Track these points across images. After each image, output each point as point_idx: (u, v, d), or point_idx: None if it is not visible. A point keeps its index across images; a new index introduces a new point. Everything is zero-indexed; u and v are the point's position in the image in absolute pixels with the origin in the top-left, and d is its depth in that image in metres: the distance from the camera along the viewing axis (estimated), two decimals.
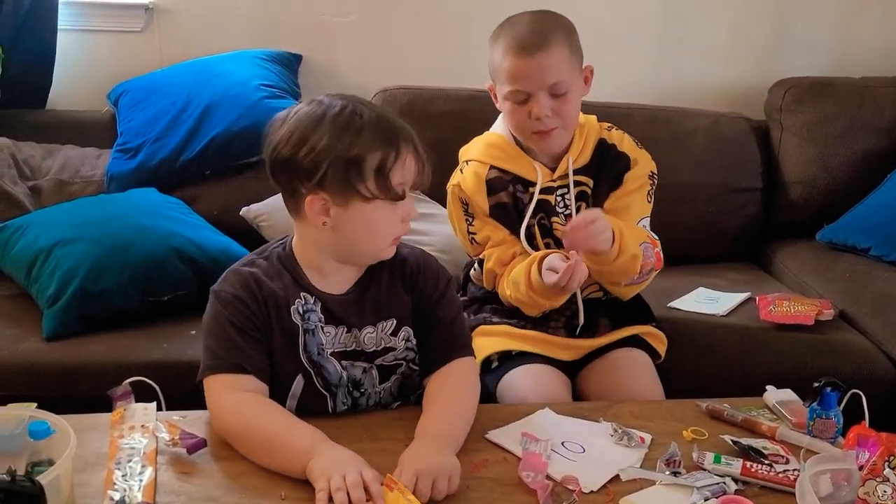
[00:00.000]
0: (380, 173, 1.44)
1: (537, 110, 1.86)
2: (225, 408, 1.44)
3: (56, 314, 2.13)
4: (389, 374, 1.58)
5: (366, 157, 1.43)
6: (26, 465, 1.28)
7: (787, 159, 2.94)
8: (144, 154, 2.68)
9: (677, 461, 1.40)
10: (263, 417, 1.42)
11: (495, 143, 1.99)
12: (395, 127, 1.48)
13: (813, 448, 1.48)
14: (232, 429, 1.43)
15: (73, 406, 1.46)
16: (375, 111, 1.49)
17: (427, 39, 3.06)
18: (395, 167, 1.45)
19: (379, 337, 1.56)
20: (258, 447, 1.40)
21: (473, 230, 1.98)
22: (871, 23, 3.17)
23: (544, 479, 1.36)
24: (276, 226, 2.49)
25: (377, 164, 1.44)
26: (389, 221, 1.50)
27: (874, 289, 2.49)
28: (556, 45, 1.86)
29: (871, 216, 2.76)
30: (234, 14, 2.99)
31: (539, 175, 1.94)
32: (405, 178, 1.48)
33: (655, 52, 3.15)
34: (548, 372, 1.89)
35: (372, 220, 1.48)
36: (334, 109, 1.45)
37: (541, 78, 1.85)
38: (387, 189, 1.45)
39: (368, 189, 1.45)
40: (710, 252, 2.85)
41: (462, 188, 1.97)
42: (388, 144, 1.45)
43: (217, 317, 1.49)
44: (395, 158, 1.45)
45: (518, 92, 1.87)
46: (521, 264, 1.88)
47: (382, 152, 1.44)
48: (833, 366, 2.11)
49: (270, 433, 1.40)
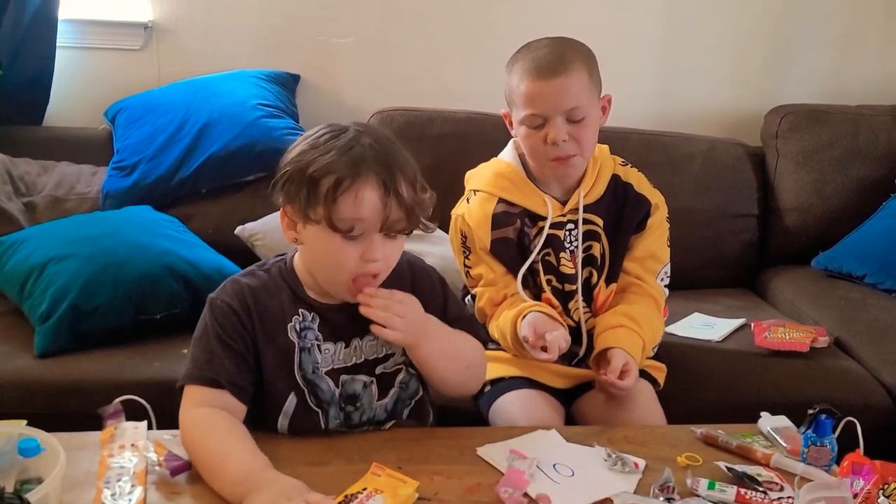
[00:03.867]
0: (328, 199, 1.39)
1: (554, 134, 1.82)
2: (186, 423, 1.43)
3: (48, 331, 2.11)
4: (388, 387, 1.57)
5: (320, 179, 1.40)
6: (15, 483, 1.27)
7: (782, 186, 2.95)
8: (140, 172, 2.68)
9: (671, 487, 1.40)
10: (205, 439, 1.39)
11: (504, 174, 1.95)
12: (367, 158, 1.40)
13: (807, 475, 1.47)
14: (186, 443, 1.42)
15: (64, 424, 1.45)
16: (375, 142, 1.43)
17: (426, 62, 3.07)
18: (344, 196, 1.39)
19: (379, 343, 1.55)
20: (202, 469, 1.38)
21: (469, 264, 1.95)
22: (868, 52, 3.20)
23: (521, 496, 1.35)
24: (270, 245, 2.48)
25: (328, 189, 1.39)
26: (344, 255, 1.43)
27: (869, 316, 2.49)
28: (575, 69, 1.83)
29: (867, 244, 2.76)
30: (233, 34, 3.00)
31: (549, 209, 1.91)
32: (358, 213, 1.40)
33: (653, 76, 3.17)
34: (540, 398, 1.87)
35: (324, 248, 1.44)
36: (331, 130, 1.45)
37: (558, 102, 1.82)
38: (330, 219, 1.39)
39: (316, 213, 1.41)
40: (705, 277, 2.85)
41: (465, 220, 1.94)
42: (345, 171, 1.39)
43: (206, 328, 1.49)
44: (346, 187, 1.38)
45: (534, 116, 1.84)
46: (509, 314, 1.84)
47: (337, 177, 1.38)
48: (828, 393, 2.10)
49: (209, 457, 1.37)
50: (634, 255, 1.96)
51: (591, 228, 1.94)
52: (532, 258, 1.91)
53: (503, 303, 1.90)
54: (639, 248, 1.96)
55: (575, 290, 1.93)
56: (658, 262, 1.98)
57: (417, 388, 1.60)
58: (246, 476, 1.31)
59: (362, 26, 3.03)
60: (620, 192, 1.97)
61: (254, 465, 1.34)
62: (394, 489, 1.33)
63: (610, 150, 2.02)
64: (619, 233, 1.95)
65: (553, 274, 1.94)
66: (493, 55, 2.98)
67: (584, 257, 1.93)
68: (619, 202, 1.96)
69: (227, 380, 1.45)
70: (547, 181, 1.94)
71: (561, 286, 1.94)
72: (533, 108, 1.84)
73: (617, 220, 1.95)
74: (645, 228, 1.97)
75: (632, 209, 1.96)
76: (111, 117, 2.86)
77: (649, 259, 1.97)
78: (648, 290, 1.95)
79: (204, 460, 1.37)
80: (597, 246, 1.94)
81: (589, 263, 1.94)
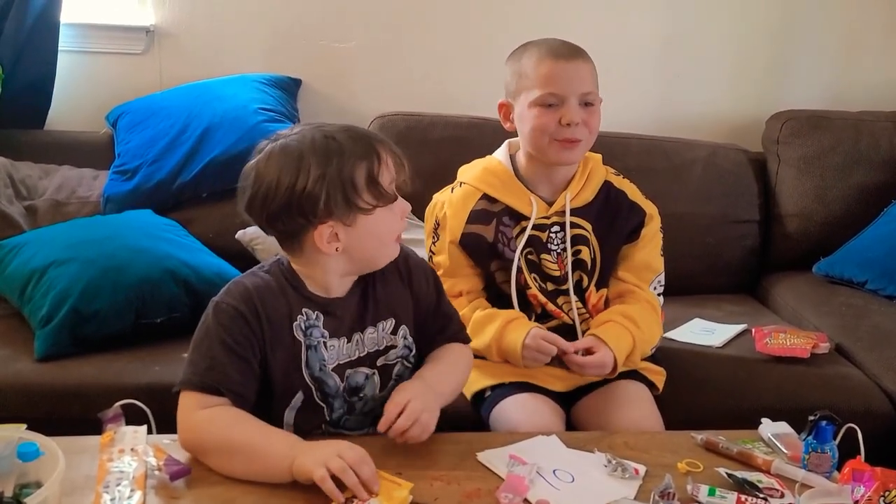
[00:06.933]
0: (371, 182, 1.47)
1: (570, 115, 1.85)
2: (196, 423, 1.43)
3: (48, 335, 2.11)
4: (388, 378, 1.60)
5: (355, 173, 1.46)
6: (14, 487, 1.27)
7: (783, 191, 2.95)
8: (141, 176, 2.68)
9: (672, 493, 1.39)
10: (240, 426, 1.42)
11: (493, 170, 1.98)
12: (366, 135, 1.53)
13: (808, 482, 1.46)
14: (206, 441, 1.42)
15: (64, 428, 1.45)
16: (341, 128, 1.51)
17: (427, 66, 3.08)
18: (381, 172, 1.48)
19: (380, 336, 1.59)
20: (236, 456, 1.40)
21: (435, 250, 1.99)
22: (869, 58, 3.20)
23: (521, 502, 1.36)
24: (270, 249, 2.48)
25: (366, 175, 1.47)
26: (392, 223, 1.54)
27: (870, 322, 2.49)
28: (588, 58, 1.90)
29: (868, 250, 2.76)
30: (234, 38, 3.01)
31: (534, 208, 1.93)
32: (391, 178, 1.51)
33: (654, 82, 3.17)
34: (541, 402, 1.87)
35: (378, 229, 1.52)
36: (306, 143, 1.46)
37: (577, 83, 1.86)
38: (380, 195, 1.49)
39: (366, 201, 1.47)
40: (706, 283, 2.85)
41: (443, 207, 1.97)
42: (368, 154, 1.48)
43: (208, 332, 1.48)
44: (378, 164, 1.48)
45: (551, 95, 1.85)
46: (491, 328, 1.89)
47: (367, 163, 1.47)
48: (828, 399, 2.09)
49: (249, 441, 1.40)
50: (629, 265, 1.99)
51: (580, 233, 1.95)
52: (518, 254, 1.92)
53: (459, 298, 1.94)
54: (633, 258, 1.99)
55: (564, 291, 1.95)
56: (652, 272, 2.00)
57: None
58: (291, 446, 1.39)
59: (364, 31, 3.04)
60: (614, 199, 1.98)
61: (291, 439, 1.43)
62: (388, 492, 1.34)
63: (611, 155, 2.04)
64: (611, 239, 1.97)
65: (537, 273, 1.95)
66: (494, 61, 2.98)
67: (573, 261, 1.94)
68: (612, 209, 1.98)
69: (227, 388, 1.45)
70: (537, 180, 1.96)
71: (545, 285, 1.95)
72: (551, 87, 1.86)
73: (609, 227, 1.97)
74: (638, 238, 1.99)
75: (625, 217, 1.98)
76: (112, 121, 2.86)
77: (644, 269, 1.99)
78: (644, 296, 1.98)
79: (240, 447, 1.40)
80: (586, 251, 1.95)
81: (578, 267, 1.95)
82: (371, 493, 1.32)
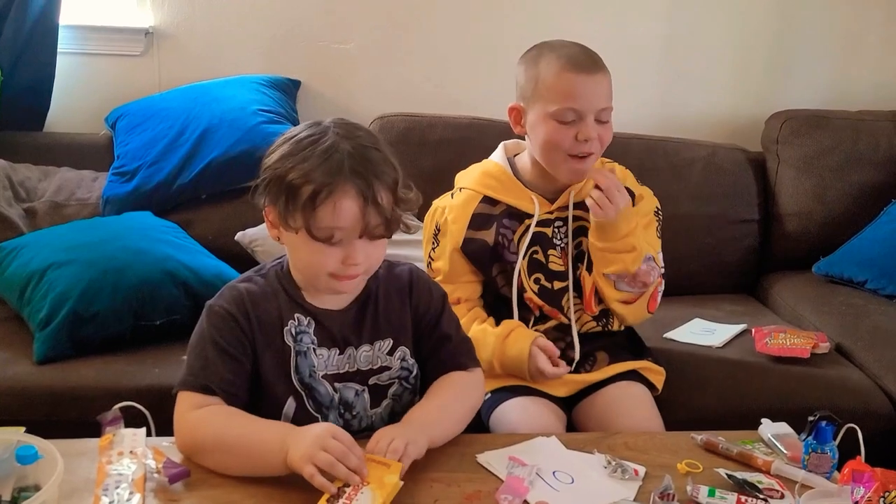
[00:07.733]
0: (307, 208, 1.39)
1: (586, 132, 1.82)
2: (191, 423, 1.43)
3: (47, 337, 2.11)
4: (381, 398, 1.57)
5: (299, 188, 1.39)
6: (12, 491, 1.27)
7: (783, 191, 2.94)
8: (141, 177, 2.68)
9: (671, 494, 1.39)
10: (232, 423, 1.42)
11: (492, 173, 1.97)
12: (345, 167, 1.39)
13: (808, 483, 1.46)
14: (201, 440, 1.42)
15: (63, 431, 1.45)
16: (353, 147, 1.41)
17: (427, 67, 3.08)
18: (322, 206, 1.38)
19: (375, 355, 1.56)
20: (233, 453, 1.39)
21: (434, 256, 1.97)
22: (868, 57, 3.20)
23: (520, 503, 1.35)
24: (270, 251, 2.48)
25: (306, 199, 1.39)
26: (325, 259, 1.43)
27: (870, 322, 2.48)
28: (605, 70, 1.86)
29: (867, 249, 2.76)
30: (233, 39, 3.00)
31: (537, 206, 1.92)
32: (336, 223, 1.40)
33: (654, 82, 3.17)
34: (541, 404, 1.87)
35: (303, 252, 1.46)
36: (311, 134, 1.44)
37: (597, 99, 1.83)
38: (309, 228, 1.40)
39: (295, 220, 1.41)
40: (706, 283, 2.85)
41: (444, 213, 1.95)
42: (323, 180, 1.38)
43: (202, 333, 1.49)
44: (324, 198, 1.38)
45: (571, 111, 1.82)
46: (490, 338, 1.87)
47: (314, 187, 1.38)
48: (829, 399, 2.10)
49: (242, 437, 1.40)
50: None
51: (582, 224, 1.95)
52: (521, 255, 1.91)
53: (458, 305, 1.90)
54: None
55: (564, 288, 1.94)
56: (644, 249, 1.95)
57: (412, 400, 1.60)
58: (282, 438, 1.36)
59: (363, 32, 3.04)
60: None
61: (282, 428, 1.41)
62: (379, 478, 1.32)
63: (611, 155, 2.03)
64: None
65: (542, 272, 1.94)
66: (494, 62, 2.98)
67: (575, 253, 1.94)
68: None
69: (219, 386, 1.45)
70: (537, 182, 1.95)
71: (550, 285, 1.94)
72: (571, 102, 1.82)
73: None
74: None
75: None
76: (111, 123, 2.86)
77: None
78: None
79: (235, 444, 1.39)
80: (585, 241, 1.94)
81: (581, 259, 1.95)
82: (362, 479, 1.31)
